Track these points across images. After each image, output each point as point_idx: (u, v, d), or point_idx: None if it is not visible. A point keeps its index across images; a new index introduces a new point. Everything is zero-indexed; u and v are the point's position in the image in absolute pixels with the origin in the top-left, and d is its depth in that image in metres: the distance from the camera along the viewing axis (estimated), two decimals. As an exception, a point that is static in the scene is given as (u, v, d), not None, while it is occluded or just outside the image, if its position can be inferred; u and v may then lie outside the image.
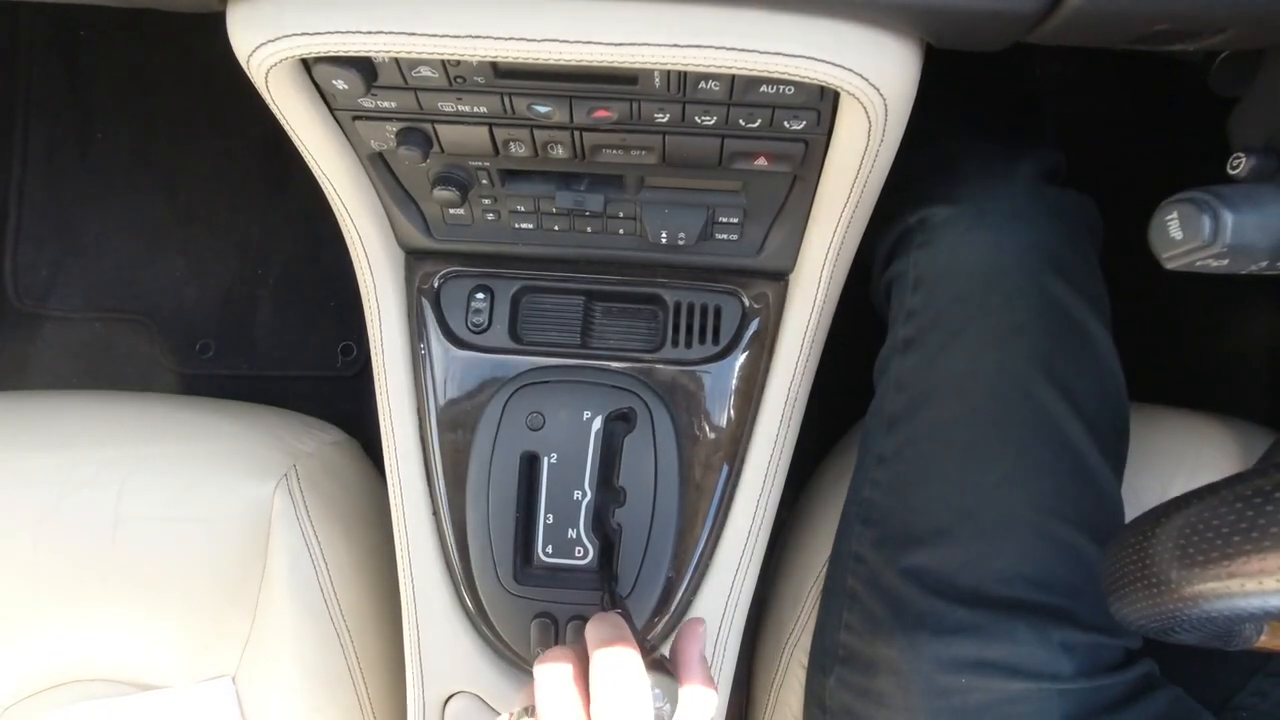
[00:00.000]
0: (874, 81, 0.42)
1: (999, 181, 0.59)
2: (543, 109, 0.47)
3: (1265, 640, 0.40)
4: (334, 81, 0.45)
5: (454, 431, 0.63)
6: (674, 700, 0.44)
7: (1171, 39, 0.40)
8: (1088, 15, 0.37)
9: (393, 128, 0.50)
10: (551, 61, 0.42)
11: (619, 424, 0.62)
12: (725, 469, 0.63)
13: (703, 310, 0.62)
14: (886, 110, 0.44)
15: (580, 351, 0.63)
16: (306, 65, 0.46)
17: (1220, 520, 0.32)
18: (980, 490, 0.53)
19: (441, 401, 0.63)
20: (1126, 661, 0.52)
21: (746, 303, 0.62)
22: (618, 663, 0.42)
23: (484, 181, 0.55)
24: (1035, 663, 0.50)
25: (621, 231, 0.59)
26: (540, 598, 0.61)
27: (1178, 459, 0.63)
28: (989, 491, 0.53)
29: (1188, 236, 0.36)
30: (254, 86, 0.47)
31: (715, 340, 0.62)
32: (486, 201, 0.57)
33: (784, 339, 0.62)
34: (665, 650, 0.49)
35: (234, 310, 1.17)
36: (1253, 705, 0.56)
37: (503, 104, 0.47)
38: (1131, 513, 0.55)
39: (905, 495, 0.56)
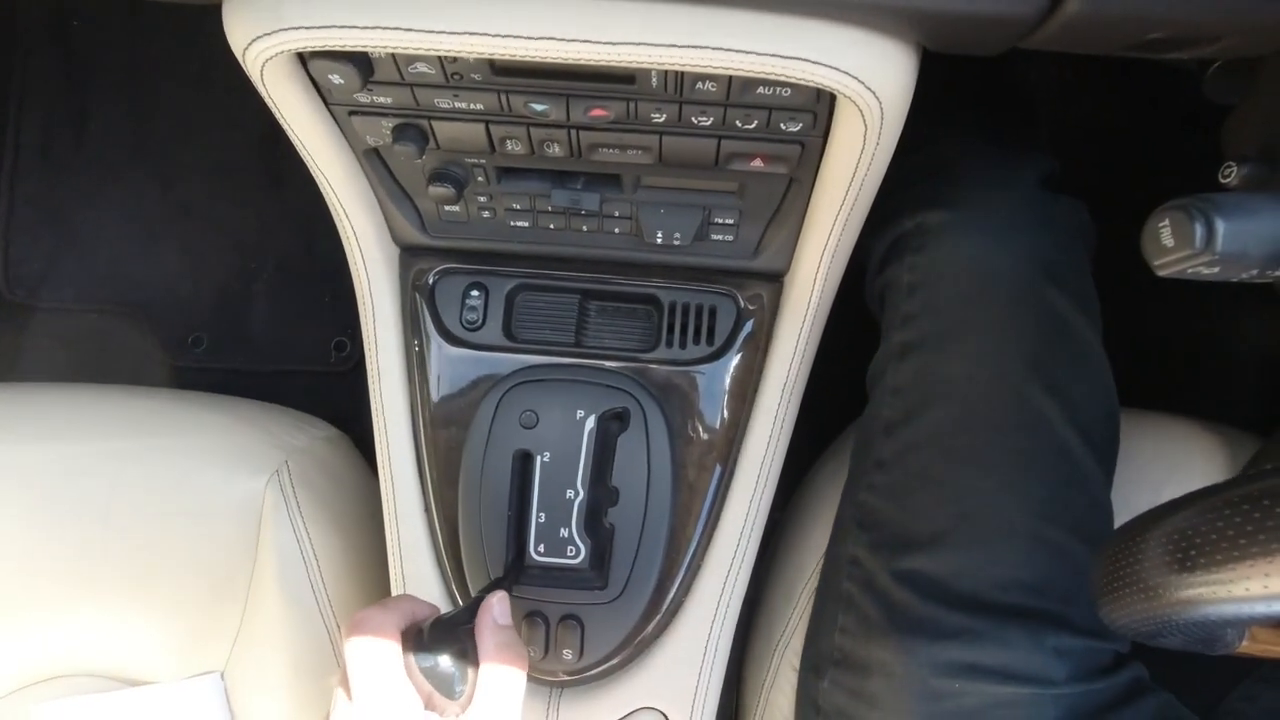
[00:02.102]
0: (870, 84, 0.43)
1: (994, 187, 0.59)
2: (539, 107, 0.47)
3: (1247, 646, 0.40)
4: (330, 76, 0.45)
5: (447, 428, 0.63)
6: (462, 675, 0.44)
7: (1167, 47, 0.40)
8: (1084, 22, 0.37)
9: (389, 123, 0.50)
10: (549, 60, 0.42)
11: (613, 423, 0.61)
12: (718, 469, 0.63)
13: (698, 310, 0.62)
14: (883, 113, 0.44)
15: (574, 350, 0.62)
16: (303, 59, 0.46)
17: (1209, 526, 0.33)
18: (976, 495, 0.54)
19: (435, 398, 0.63)
20: (1116, 665, 0.52)
21: (741, 303, 0.62)
22: (364, 633, 0.43)
23: (480, 179, 0.55)
24: (1029, 668, 0.50)
25: (617, 231, 0.59)
26: (531, 596, 0.61)
27: (1168, 465, 0.63)
28: (985, 496, 0.53)
29: (1180, 244, 0.36)
30: (250, 80, 0.46)
31: (710, 341, 0.62)
32: (482, 199, 0.57)
33: (778, 340, 0.62)
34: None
35: (228, 304, 1.16)
36: (1241, 710, 0.57)
37: (499, 101, 0.47)
38: (1122, 518, 0.55)
39: (902, 500, 0.56)
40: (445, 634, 0.45)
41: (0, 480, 0.65)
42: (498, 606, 0.48)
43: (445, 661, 0.44)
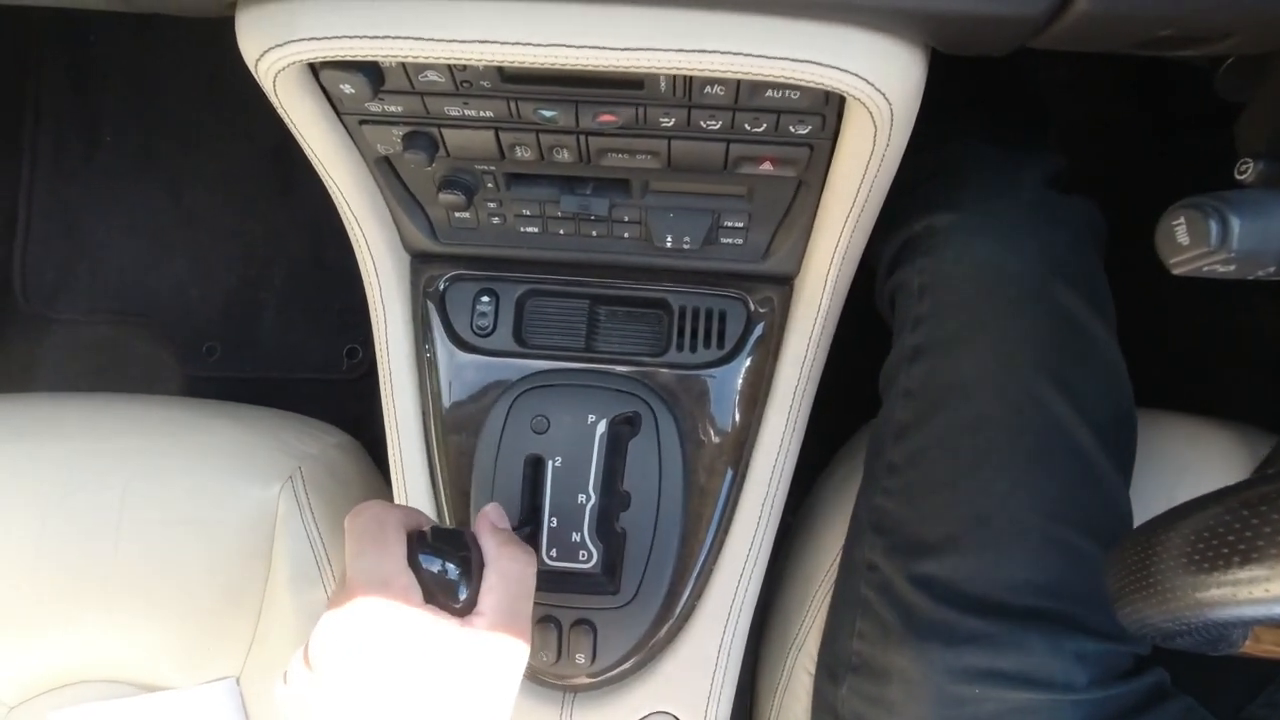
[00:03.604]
0: (879, 86, 0.42)
1: (1004, 188, 0.59)
2: (549, 113, 0.47)
3: (1250, 645, 0.40)
4: (341, 86, 0.46)
5: (458, 434, 0.63)
6: (466, 582, 0.43)
7: (1176, 45, 0.40)
8: (1094, 20, 0.37)
9: (399, 132, 0.50)
10: (558, 66, 0.42)
11: (624, 428, 0.61)
12: (730, 473, 0.63)
13: (707, 314, 0.62)
14: (892, 115, 0.44)
15: (585, 355, 0.63)
16: (314, 69, 0.46)
17: (1226, 527, 0.32)
18: (991, 497, 0.53)
19: (446, 404, 0.63)
20: (1137, 669, 0.52)
21: (751, 307, 0.62)
22: (368, 519, 0.42)
23: (489, 185, 0.55)
24: (1049, 673, 0.49)
25: (626, 235, 0.59)
26: (544, 601, 0.61)
27: (1183, 465, 0.62)
28: (999, 498, 0.53)
29: (1195, 242, 0.35)
30: (261, 90, 0.47)
31: (720, 344, 0.62)
32: (492, 205, 0.57)
33: (789, 343, 0.62)
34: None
35: (239, 312, 1.17)
36: (1264, 717, 0.56)
37: (509, 108, 0.47)
38: (1138, 519, 0.55)
39: (917, 503, 0.56)
40: (449, 538, 0.44)
41: (15, 488, 0.66)
42: (493, 511, 0.48)
43: (451, 568, 0.42)
